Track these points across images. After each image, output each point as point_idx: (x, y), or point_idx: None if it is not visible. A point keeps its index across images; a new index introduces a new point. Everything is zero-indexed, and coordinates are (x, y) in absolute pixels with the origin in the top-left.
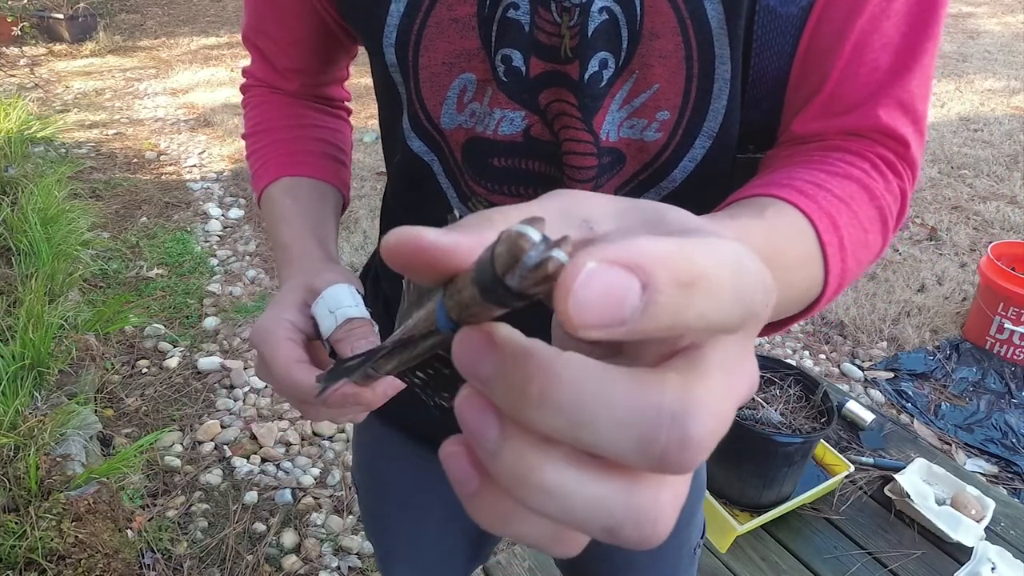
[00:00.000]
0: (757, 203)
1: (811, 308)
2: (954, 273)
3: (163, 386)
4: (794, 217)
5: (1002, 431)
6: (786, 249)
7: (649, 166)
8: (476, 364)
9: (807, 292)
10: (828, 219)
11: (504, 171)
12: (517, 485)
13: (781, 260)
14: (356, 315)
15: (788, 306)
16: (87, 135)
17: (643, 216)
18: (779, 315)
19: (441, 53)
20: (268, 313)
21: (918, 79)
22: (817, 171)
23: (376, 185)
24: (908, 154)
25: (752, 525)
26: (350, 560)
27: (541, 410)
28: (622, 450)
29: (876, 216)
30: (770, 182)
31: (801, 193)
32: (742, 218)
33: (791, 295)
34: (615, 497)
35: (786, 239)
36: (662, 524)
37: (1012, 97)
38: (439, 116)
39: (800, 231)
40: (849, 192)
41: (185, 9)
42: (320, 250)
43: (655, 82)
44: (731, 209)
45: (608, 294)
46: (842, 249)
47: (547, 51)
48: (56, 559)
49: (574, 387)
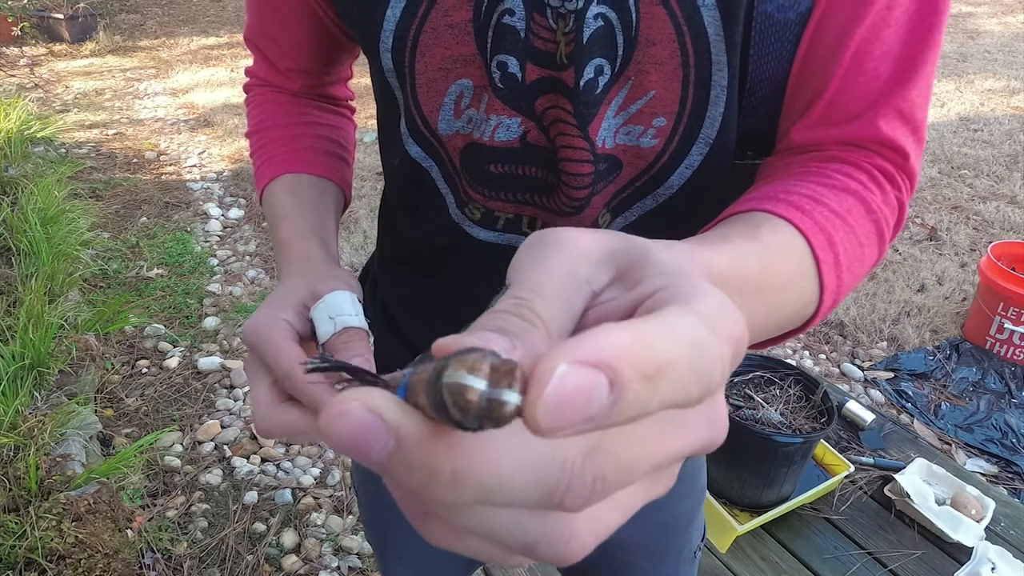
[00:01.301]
0: (752, 220)
1: (807, 323)
2: (954, 273)
3: (163, 386)
4: (789, 235)
5: (1002, 431)
6: (780, 269)
7: (646, 172)
8: (368, 452)
9: (802, 309)
10: (824, 236)
11: (501, 177)
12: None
13: (775, 280)
14: (355, 325)
15: (781, 323)
16: (87, 135)
17: (630, 259)
18: (772, 333)
19: (437, 59)
20: (263, 312)
21: (918, 88)
22: (815, 184)
23: (376, 185)
24: (907, 165)
25: (752, 525)
26: (350, 560)
27: (453, 490)
28: (529, 502)
29: (873, 230)
30: (766, 196)
31: (798, 209)
32: (736, 240)
33: (785, 313)
34: (529, 522)
35: (781, 259)
36: (576, 544)
37: (1012, 97)
38: (436, 122)
39: (794, 249)
40: (846, 206)
41: (185, 9)
42: (321, 250)
43: (651, 88)
44: (726, 227)
45: (578, 395)
46: (837, 266)
47: (543, 57)
48: (56, 559)
49: (489, 466)
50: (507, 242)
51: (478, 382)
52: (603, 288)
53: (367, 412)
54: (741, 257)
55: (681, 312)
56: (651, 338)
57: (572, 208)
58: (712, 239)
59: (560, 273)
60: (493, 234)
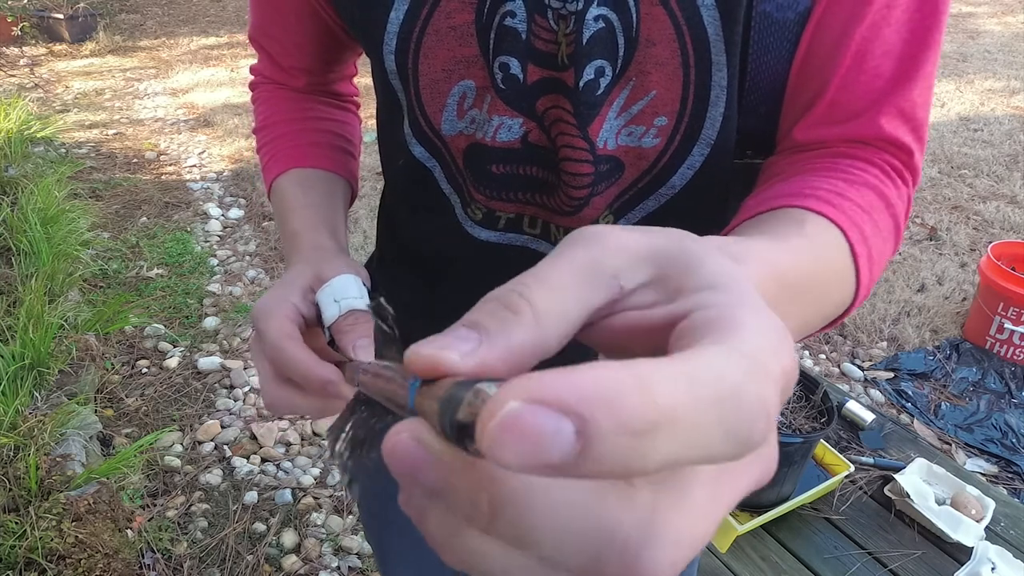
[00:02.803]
0: (793, 217)
1: (841, 317)
2: (954, 273)
3: (163, 386)
4: (832, 231)
5: (1002, 431)
6: (830, 266)
7: (648, 173)
8: (416, 475)
9: (841, 305)
10: (857, 230)
11: (503, 177)
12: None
13: (825, 277)
14: (360, 307)
15: (825, 319)
16: (87, 135)
17: (673, 262)
18: (813, 330)
19: (440, 60)
20: (272, 293)
21: (919, 88)
22: (836, 180)
23: (376, 185)
24: (912, 162)
25: (752, 525)
26: (350, 560)
27: (493, 521)
28: (569, 565)
29: (891, 224)
30: (793, 193)
31: (829, 204)
32: (792, 238)
33: (829, 309)
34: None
35: (830, 256)
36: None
37: (1012, 97)
38: (440, 123)
39: (839, 245)
40: (869, 202)
41: (185, 9)
42: (331, 240)
43: (652, 89)
44: (770, 224)
45: (527, 437)
46: (870, 260)
47: (544, 58)
48: (56, 559)
49: (526, 504)
50: (508, 241)
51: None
52: (637, 287)
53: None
54: (798, 256)
55: (715, 353)
56: (656, 384)
57: (572, 208)
58: (768, 237)
59: (581, 263)
60: (494, 234)
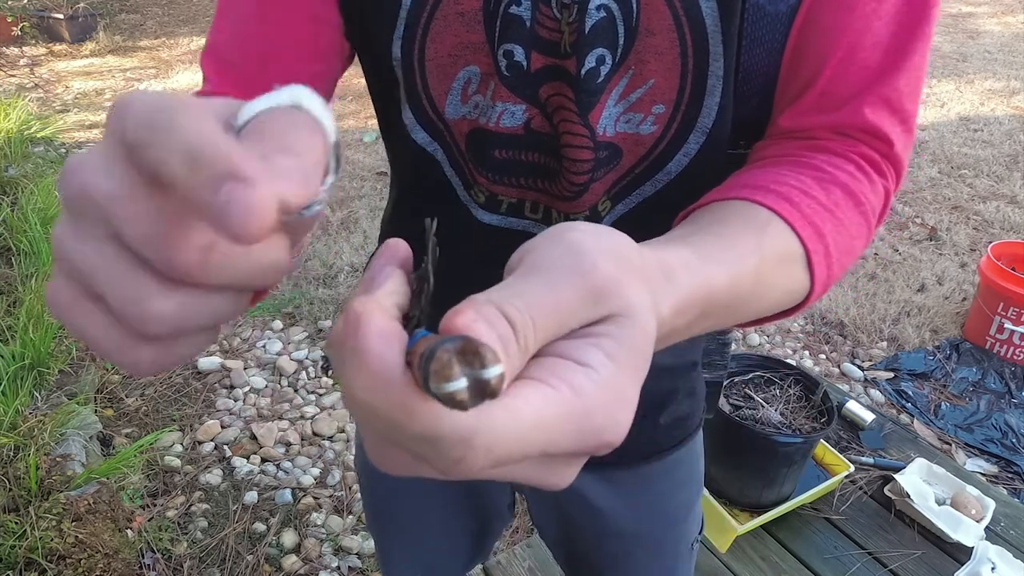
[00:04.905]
0: (745, 214)
1: (798, 307)
2: (954, 273)
3: (163, 386)
4: (782, 230)
5: (1002, 431)
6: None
7: (645, 159)
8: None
9: (787, 303)
10: (812, 229)
11: (505, 163)
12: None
13: (764, 279)
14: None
15: (759, 316)
16: (87, 135)
17: (605, 305)
18: (750, 319)
19: (448, 45)
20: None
21: (906, 78)
22: (804, 175)
23: (376, 185)
24: (892, 152)
25: (752, 525)
26: (350, 560)
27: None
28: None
29: (862, 222)
30: (758, 185)
31: (788, 201)
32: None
33: (765, 309)
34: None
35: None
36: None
37: (1012, 97)
38: (444, 107)
39: (787, 245)
40: (834, 200)
41: (185, 9)
42: None
43: (651, 77)
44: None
45: None
46: (827, 257)
47: (547, 46)
48: (56, 559)
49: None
50: (510, 226)
51: (458, 384)
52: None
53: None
54: (736, 266)
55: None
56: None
57: (572, 193)
58: (711, 242)
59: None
60: (497, 217)
